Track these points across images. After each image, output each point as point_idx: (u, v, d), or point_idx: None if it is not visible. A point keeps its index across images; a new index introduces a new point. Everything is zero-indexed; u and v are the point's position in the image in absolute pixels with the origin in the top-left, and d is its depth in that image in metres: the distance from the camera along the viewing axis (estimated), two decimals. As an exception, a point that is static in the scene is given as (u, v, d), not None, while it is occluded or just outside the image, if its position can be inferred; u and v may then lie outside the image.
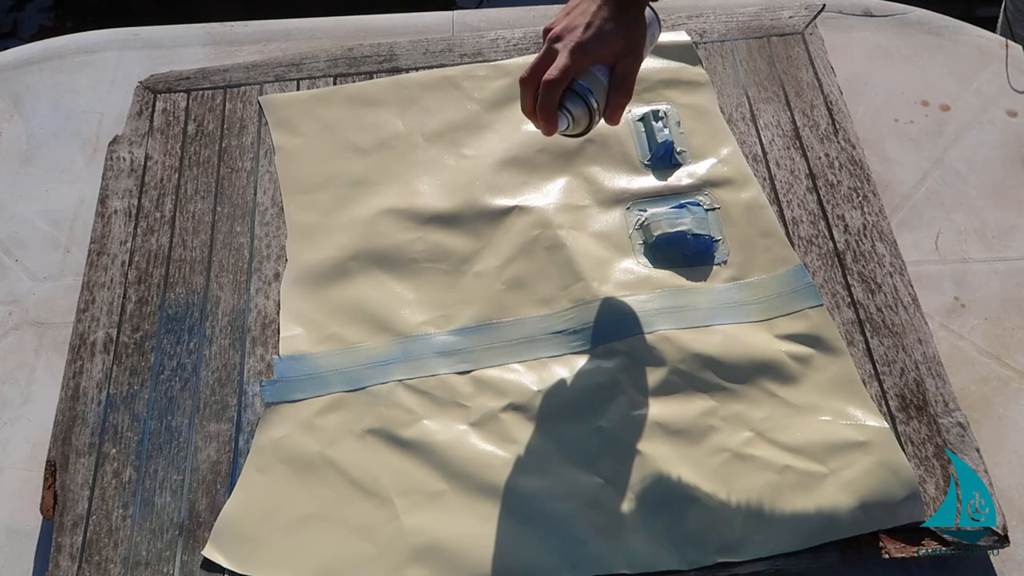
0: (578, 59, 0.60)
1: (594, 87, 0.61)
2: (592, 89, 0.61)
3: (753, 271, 0.76)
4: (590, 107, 0.61)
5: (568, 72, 0.60)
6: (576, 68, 0.60)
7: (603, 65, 0.62)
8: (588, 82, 0.61)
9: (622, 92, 0.62)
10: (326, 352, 0.74)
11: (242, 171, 0.86)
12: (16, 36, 1.96)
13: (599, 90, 0.62)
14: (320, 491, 0.67)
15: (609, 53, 0.61)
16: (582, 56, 0.60)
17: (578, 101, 0.61)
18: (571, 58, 0.60)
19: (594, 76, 0.61)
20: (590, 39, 0.60)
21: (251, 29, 1.02)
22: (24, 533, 0.70)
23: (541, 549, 0.63)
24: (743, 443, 0.67)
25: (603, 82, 0.62)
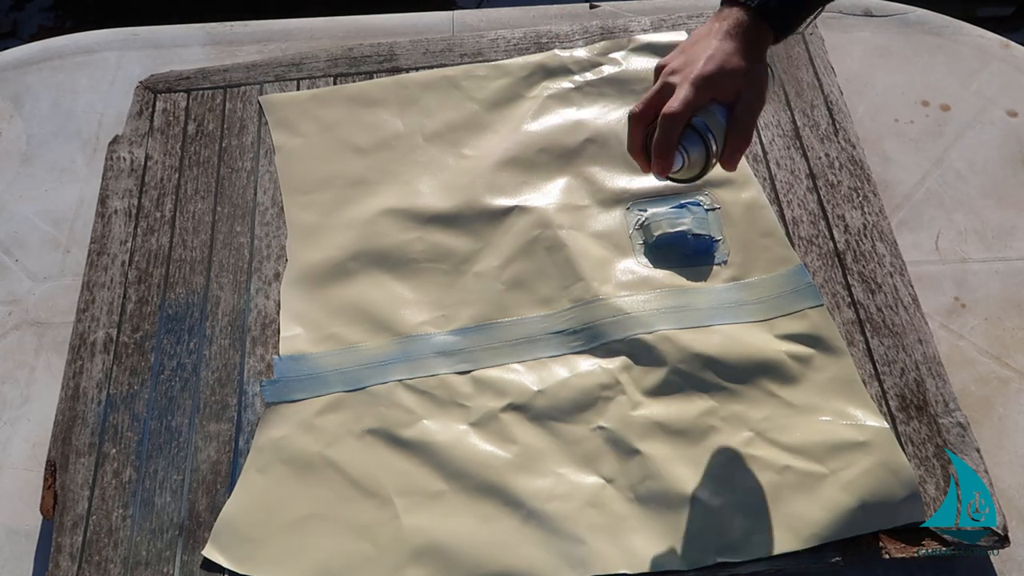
0: (701, 91, 0.54)
1: (713, 126, 0.55)
2: (712, 128, 0.55)
3: (753, 271, 0.76)
4: (708, 148, 0.55)
5: (690, 105, 0.54)
6: (699, 101, 0.54)
7: (721, 104, 0.56)
8: (707, 120, 0.55)
9: (742, 135, 0.55)
10: (326, 352, 0.74)
11: (242, 171, 0.86)
12: (16, 36, 1.96)
13: (718, 130, 0.55)
14: (320, 491, 0.67)
15: (731, 89, 0.55)
16: (705, 88, 0.54)
17: (696, 141, 0.55)
18: (694, 90, 0.54)
19: (713, 115, 0.55)
20: (714, 72, 0.54)
21: (251, 29, 1.02)
22: (24, 533, 0.70)
23: (541, 549, 0.63)
24: (743, 443, 0.67)
25: (722, 122, 0.55)
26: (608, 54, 0.92)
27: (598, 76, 0.90)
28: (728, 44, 0.55)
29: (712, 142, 0.55)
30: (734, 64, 0.55)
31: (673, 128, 0.54)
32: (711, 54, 0.55)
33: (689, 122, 0.55)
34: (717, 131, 0.55)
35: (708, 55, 0.55)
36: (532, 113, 0.88)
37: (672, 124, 0.54)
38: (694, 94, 0.54)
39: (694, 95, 0.54)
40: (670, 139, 0.54)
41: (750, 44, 0.55)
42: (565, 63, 0.91)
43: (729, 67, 0.55)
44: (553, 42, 0.94)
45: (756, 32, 0.55)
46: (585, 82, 0.89)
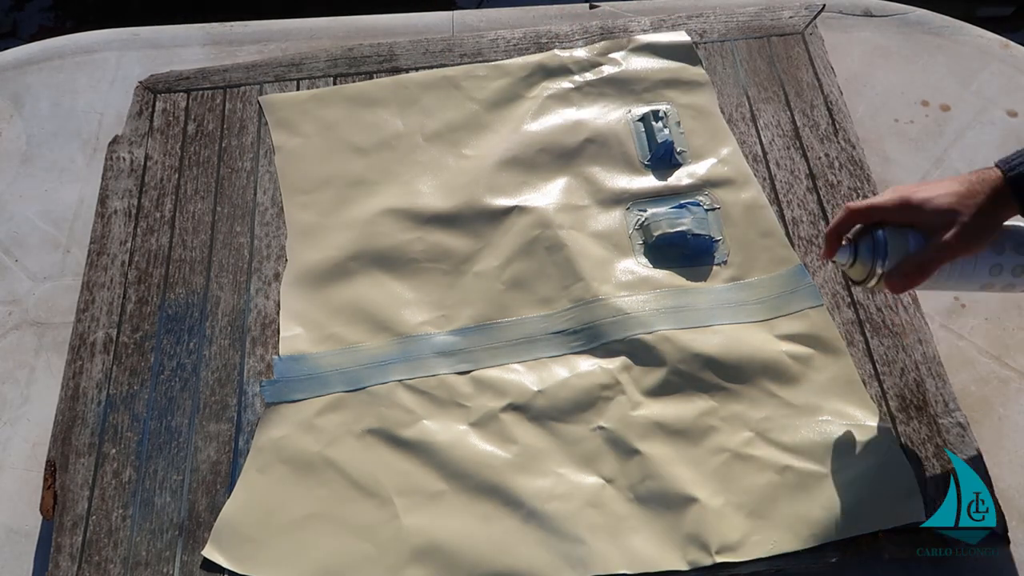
0: (899, 207, 0.56)
1: (894, 245, 0.56)
2: (891, 245, 0.56)
3: (753, 271, 0.76)
4: (875, 259, 0.57)
5: (874, 208, 0.56)
6: (887, 212, 0.56)
7: (920, 233, 0.56)
8: (892, 236, 0.56)
9: (918, 267, 0.56)
10: (326, 352, 0.74)
11: (242, 171, 0.86)
12: (16, 36, 1.95)
13: (897, 250, 0.56)
14: (320, 491, 0.67)
15: (935, 224, 0.55)
16: (906, 210, 0.56)
17: (867, 251, 0.57)
18: (888, 198, 0.56)
19: (903, 236, 0.56)
20: (924, 199, 0.55)
21: (251, 29, 1.02)
22: (24, 533, 0.70)
23: (541, 549, 0.63)
24: (743, 443, 0.67)
25: (908, 246, 0.56)
26: (608, 54, 0.92)
27: (598, 76, 0.90)
28: (961, 188, 0.55)
29: (883, 256, 0.56)
30: (950, 203, 0.54)
31: (845, 219, 0.58)
32: (936, 185, 0.56)
33: (877, 231, 0.57)
34: (896, 250, 0.56)
35: (933, 185, 0.56)
36: (532, 113, 0.88)
37: (846, 215, 0.58)
38: (885, 201, 0.56)
39: (884, 203, 0.56)
40: (839, 228, 0.58)
41: (985, 199, 0.54)
42: (565, 63, 0.91)
43: (944, 203, 0.55)
44: (553, 42, 0.94)
45: (997, 195, 0.54)
46: (585, 82, 0.90)
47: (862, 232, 0.59)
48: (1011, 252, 0.57)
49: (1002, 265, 0.58)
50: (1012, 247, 0.57)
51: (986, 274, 0.58)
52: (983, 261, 0.57)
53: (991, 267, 0.58)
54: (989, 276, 0.58)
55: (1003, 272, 0.58)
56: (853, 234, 0.59)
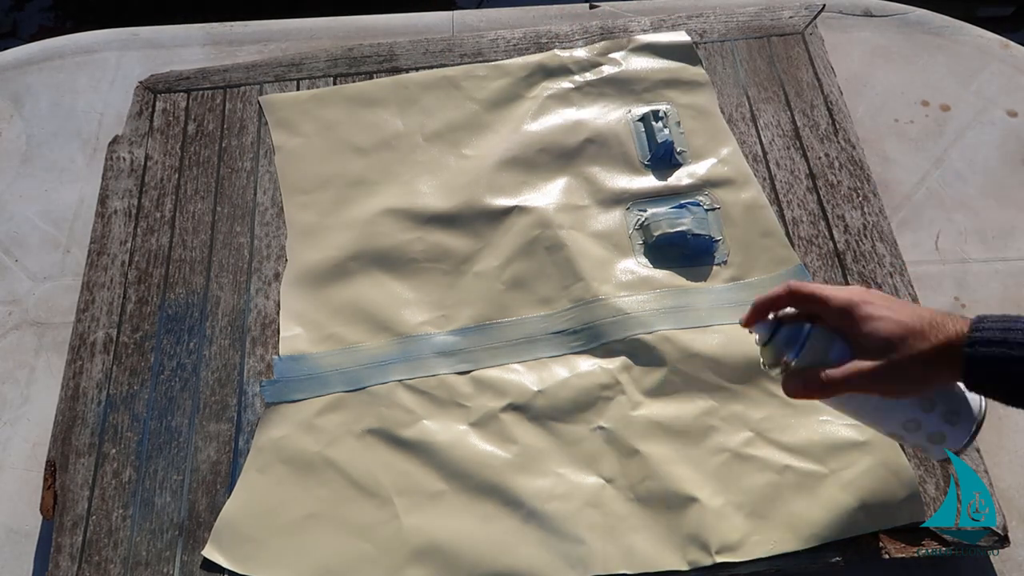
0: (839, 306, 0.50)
1: (813, 346, 0.51)
2: (808, 345, 0.51)
3: (753, 271, 0.76)
4: (784, 350, 0.52)
5: (816, 301, 0.51)
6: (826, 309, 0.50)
7: (848, 347, 0.50)
8: (815, 338, 0.51)
9: (817, 384, 0.50)
10: (326, 352, 0.74)
11: (242, 171, 0.86)
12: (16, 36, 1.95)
13: (813, 353, 0.51)
14: (320, 491, 0.67)
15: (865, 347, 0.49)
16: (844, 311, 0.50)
17: (784, 340, 0.52)
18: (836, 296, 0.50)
19: (829, 341, 0.51)
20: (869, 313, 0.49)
21: (251, 29, 1.02)
22: (24, 533, 0.70)
23: (541, 549, 0.63)
24: (743, 443, 0.67)
25: (827, 355, 0.51)
26: (608, 54, 0.92)
27: (598, 76, 0.90)
28: (914, 323, 0.48)
29: (796, 353, 0.51)
30: (891, 333, 0.48)
31: (782, 297, 0.53)
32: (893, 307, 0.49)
33: (805, 326, 0.52)
34: (811, 354, 0.51)
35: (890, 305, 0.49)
36: (532, 113, 0.88)
37: (785, 294, 0.52)
38: (832, 301, 0.50)
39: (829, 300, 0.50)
40: (773, 303, 0.53)
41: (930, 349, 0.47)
42: (565, 63, 0.91)
43: (884, 331, 0.48)
44: (553, 42, 0.94)
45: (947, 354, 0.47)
46: (585, 82, 0.89)
47: (792, 317, 0.53)
48: (938, 415, 0.51)
49: (920, 423, 0.51)
50: (942, 413, 0.51)
51: (898, 425, 0.52)
52: (902, 411, 0.52)
53: (908, 420, 0.52)
54: (902, 428, 0.52)
55: (919, 431, 0.52)
56: (783, 315, 0.54)
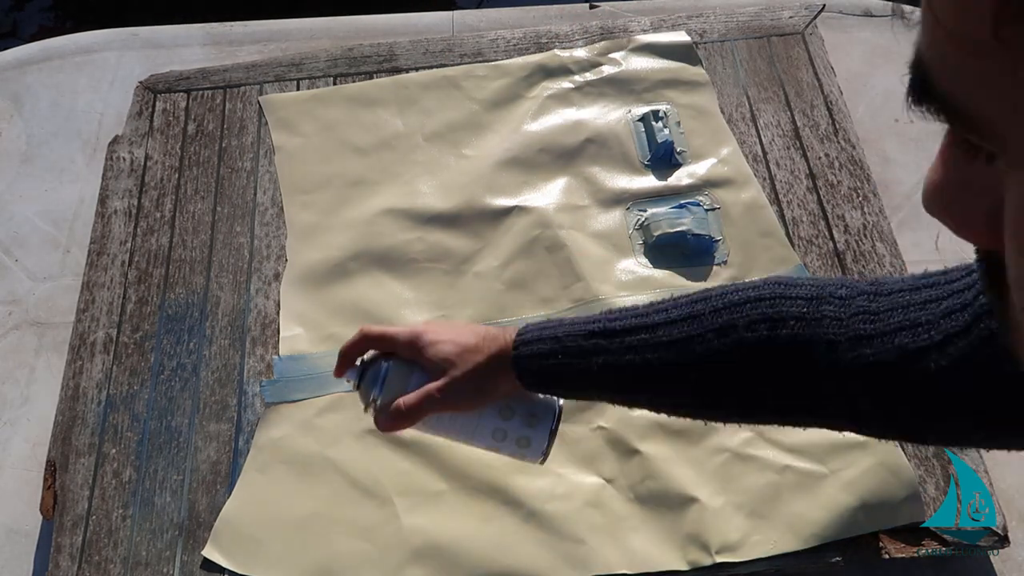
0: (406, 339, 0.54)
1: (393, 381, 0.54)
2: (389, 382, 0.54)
3: (753, 271, 0.76)
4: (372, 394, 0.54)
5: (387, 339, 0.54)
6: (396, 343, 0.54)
7: (426, 375, 0.53)
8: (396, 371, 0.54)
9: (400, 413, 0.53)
10: (326, 352, 0.74)
11: (242, 171, 0.86)
12: (16, 36, 1.95)
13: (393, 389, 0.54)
14: (320, 491, 0.67)
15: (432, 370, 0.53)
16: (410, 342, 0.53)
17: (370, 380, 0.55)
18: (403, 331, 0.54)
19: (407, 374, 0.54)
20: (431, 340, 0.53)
21: (251, 29, 1.02)
22: (24, 533, 0.70)
23: (541, 549, 0.63)
24: (743, 443, 0.67)
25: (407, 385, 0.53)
26: (608, 54, 0.92)
27: (598, 76, 0.90)
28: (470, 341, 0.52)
29: (377, 388, 0.54)
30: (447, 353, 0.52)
31: (358, 341, 0.55)
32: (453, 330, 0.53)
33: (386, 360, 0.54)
34: (392, 386, 0.53)
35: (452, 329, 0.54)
36: (532, 113, 0.88)
37: (359, 338, 0.55)
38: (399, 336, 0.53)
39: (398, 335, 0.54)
40: (352, 349, 0.55)
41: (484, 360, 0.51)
42: (565, 63, 0.91)
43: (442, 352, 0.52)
44: (553, 42, 0.94)
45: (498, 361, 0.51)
46: (585, 82, 0.89)
47: (375, 359, 0.56)
48: (518, 422, 0.54)
49: (506, 432, 0.54)
50: (522, 417, 0.54)
51: (489, 437, 0.55)
52: (486, 423, 0.54)
53: (494, 430, 0.54)
54: (492, 439, 0.55)
55: (507, 439, 0.54)
56: (368, 358, 0.56)
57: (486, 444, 0.55)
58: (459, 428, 0.55)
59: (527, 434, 0.54)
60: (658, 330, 0.46)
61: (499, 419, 0.54)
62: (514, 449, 0.55)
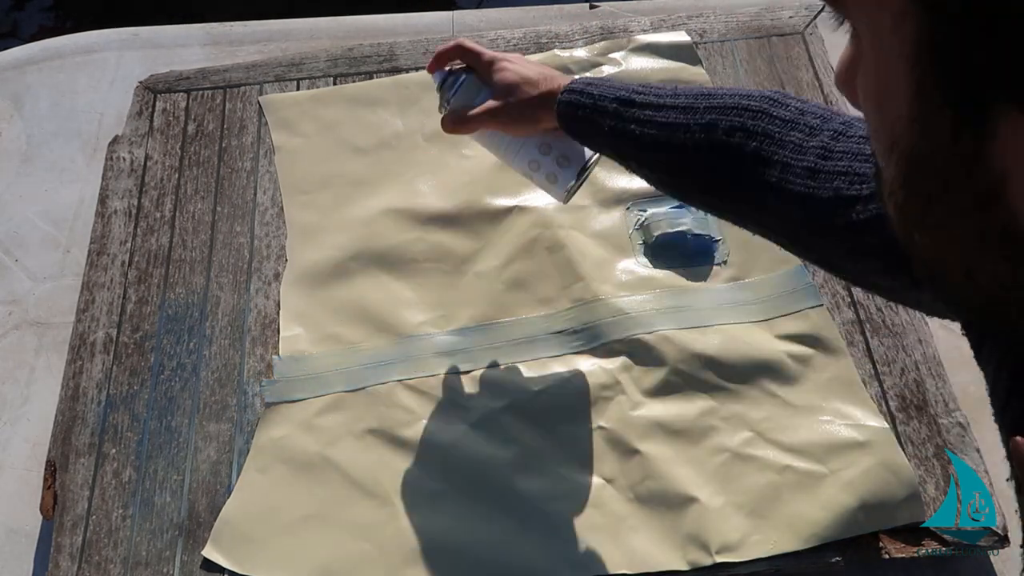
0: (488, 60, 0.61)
1: (464, 93, 0.62)
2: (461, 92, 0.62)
3: (753, 271, 0.76)
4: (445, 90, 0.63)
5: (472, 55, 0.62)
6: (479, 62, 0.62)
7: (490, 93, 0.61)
8: (469, 83, 0.62)
9: (460, 120, 0.62)
10: (326, 352, 0.74)
11: (242, 171, 0.86)
12: (16, 36, 1.95)
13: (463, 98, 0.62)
14: (320, 491, 0.67)
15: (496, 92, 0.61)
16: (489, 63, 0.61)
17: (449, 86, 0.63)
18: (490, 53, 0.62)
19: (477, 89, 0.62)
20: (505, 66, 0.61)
21: (251, 29, 1.02)
22: (24, 533, 0.70)
23: (541, 549, 0.63)
24: (743, 443, 0.67)
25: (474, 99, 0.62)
26: (608, 54, 0.92)
27: (598, 76, 0.90)
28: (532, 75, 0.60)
29: (452, 95, 0.63)
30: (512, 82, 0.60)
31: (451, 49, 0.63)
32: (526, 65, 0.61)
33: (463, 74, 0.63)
34: (463, 97, 0.62)
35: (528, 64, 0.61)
36: (532, 113, 0.87)
37: (453, 47, 0.63)
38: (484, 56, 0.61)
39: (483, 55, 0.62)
40: (444, 54, 0.63)
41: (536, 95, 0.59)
42: (565, 63, 0.91)
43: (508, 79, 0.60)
44: (553, 42, 0.94)
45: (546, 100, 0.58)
46: (585, 82, 0.89)
47: (459, 71, 0.63)
48: (552, 159, 0.62)
49: (540, 164, 0.62)
50: (556, 156, 0.62)
51: (526, 164, 0.63)
52: (526, 151, 0.62)
53: (530, 161, 0.63)
54: (528, 167, 0.63)
55: (540, 170, 0.63)
56: (456, 67, 0.64)
57: (523, 170, 0.64)
58: (504, 148, 0.64)
59: (556, 172, 0.62)
60: (661, 111, 0.53)
61: (537, 151, 0.62)
62: (543, 182, 0.63)
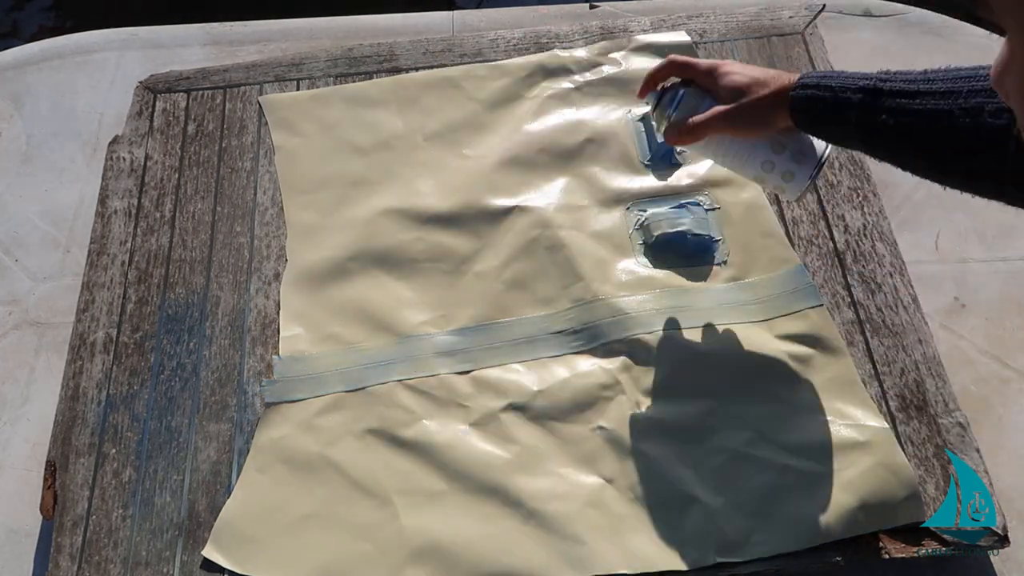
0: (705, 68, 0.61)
1: (686, 103, 0.62)
2: (683, 102, 0.62)
3: (753, 271, 0.76)
4: (663, 106, 0.63)
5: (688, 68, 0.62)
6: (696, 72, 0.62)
7: (715, 102, 0.61)
8: (689, 95, 0.62)
9: (687, 129, 0.62)
10: (326, 352, 0.74)
11: (242, 171, 0.86)
12: (16, 36, 1.95)
13: (686, 110, 0.62)
14: (320, 491, 0.67)
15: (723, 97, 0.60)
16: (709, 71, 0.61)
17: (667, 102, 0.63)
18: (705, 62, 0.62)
19: (699, 98, 0.62)
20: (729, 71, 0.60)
21: (251, 29, 1.02)
22: (24, 533, 0.70)
23: (541, 549, 0.63)
24: (743, 443, 0.67)
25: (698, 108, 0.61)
26: (608, 54, 0.92)
27: (598, 76, 0.90)
28: (761, 76, 0.59)
29: (674, 109, 0.62)
30: (742, 84, 0.59)
31: (664, 68, 0.64)
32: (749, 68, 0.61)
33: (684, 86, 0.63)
34: (686, 108, 0.62)
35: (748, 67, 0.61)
36: (532, 113, 0.88)
37: (666, 64, 0.64)
38: (700, 66, 0.62)
39: (699, 65, 0.62)
40: (657, 74, 0.64)
41: (768, 95, 0.58)
42: (565, 63, 0.91)
43: (737, 82, 0.59)
44: (553, 42, 0.94)
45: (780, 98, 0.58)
46: (585, 82, 0.89)
47: (674, 86, 0.64)
48: (788, 156, 0.61)
49: (774, 164, 0.61)
50: (791, 154, 0.61)
51: (758, 166, 0.62)
52: (759, 152, 0.61)
53: (764, 162, 0.62)
54: (761, 170, 0.62)
55: (774, 171, 0.61)
56: (668, 85, 0.64)
57: (754, 173, 0.63)
58: (734, 153, 0.63)
59: (792, 169, 0.61)
60: (916, 97, 0.51)
61: (771, 152, 0.61)
62: (778, 181, 0.62)
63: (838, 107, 0.54)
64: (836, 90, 0.55)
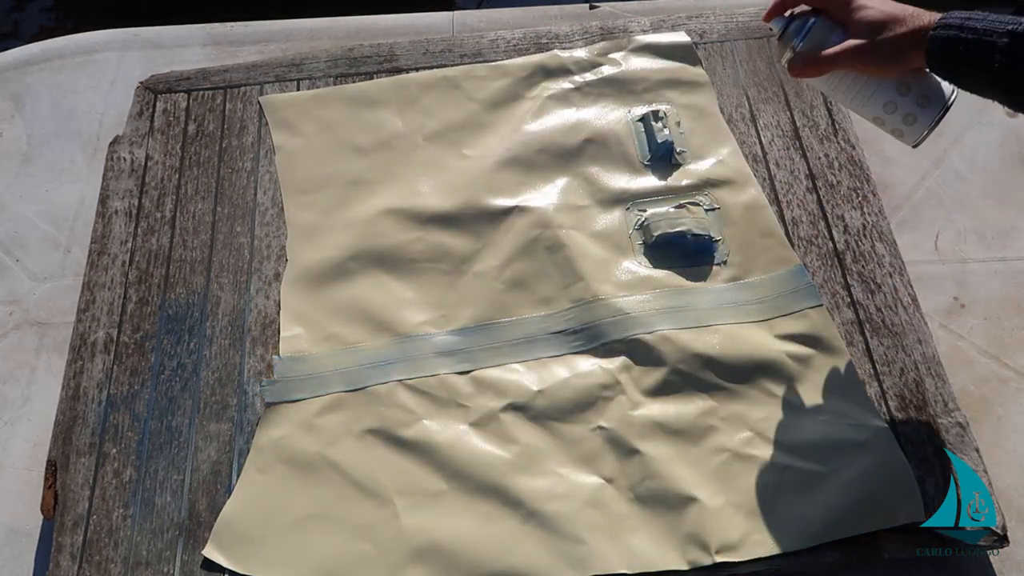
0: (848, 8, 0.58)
1: (816, 33, 0.60)
2: (812, 35, 0.60)
3: (753, 271, 0.76)
4: (790, 34, 0.61)
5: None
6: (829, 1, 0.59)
7: (845, 35, 0.58)
8: (820, 25, 0.60)
9: (813, 62, 0.59)
10: (326, 352, 0.74)
11: (242, 171, 0.87)
12: (16, 36, 1.96)
13: (816, 38, 0.60)
14: (320, 491, 0.67)
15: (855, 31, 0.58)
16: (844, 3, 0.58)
17: (795, 30, 0.61)
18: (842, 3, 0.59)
19: (831, 30, 0.59)
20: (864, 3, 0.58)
21: (251, 29, 1.02)
22: (24, 533, 0.70)
23: (541, 549, 0.63)
24: (743, 443, 0.67)
25: (827, 41, 0.59)
26: (608, 54, 0.92)
27: (598, 76, 0.90)
28: (897, 13, 0.56)
29: (801, 39, 0.60)
30: (876, 18, 0.56)
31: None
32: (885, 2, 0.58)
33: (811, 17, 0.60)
34: (814, 39, 0.60)
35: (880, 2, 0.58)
36: (532, 113, 0.88)
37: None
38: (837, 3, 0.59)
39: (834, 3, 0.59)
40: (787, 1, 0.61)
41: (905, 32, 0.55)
42: (565, 63, 0.91)
43: (871, 16, 0.57)
44: (553, 42, 0.94)
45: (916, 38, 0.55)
46: (585, 82, 0.90)
47: (804, 14, 0.61)
48: (912, 99, 0.59)
49: (897, 105, 0.59)
50: (916, 95, 0.59)
51: (880, 106, 0.60)
52: (882, 92, 0.59)
53: (886, 102, 0.59)
54: (882, 110, 0.60)
55: (896, 112, 0.59)
56: (796, 12, 0.62)
57: (874, 113, 0.61)
58: (857, 90, 0.60)
59: (915, 112, 0.59)
60: None
61: (895, 92, 0.59)
62: (898, 124, 0.60)
63: (981, 50, 0.51)
64: (981, 32, 0.51)
